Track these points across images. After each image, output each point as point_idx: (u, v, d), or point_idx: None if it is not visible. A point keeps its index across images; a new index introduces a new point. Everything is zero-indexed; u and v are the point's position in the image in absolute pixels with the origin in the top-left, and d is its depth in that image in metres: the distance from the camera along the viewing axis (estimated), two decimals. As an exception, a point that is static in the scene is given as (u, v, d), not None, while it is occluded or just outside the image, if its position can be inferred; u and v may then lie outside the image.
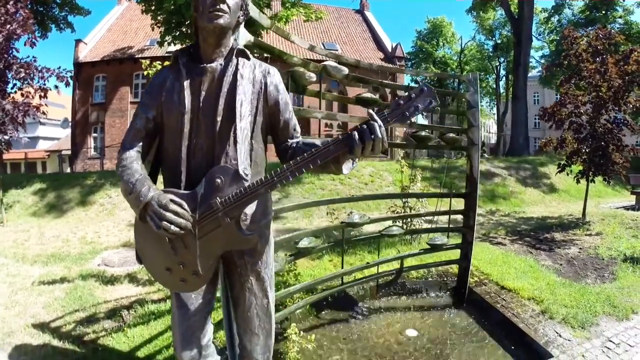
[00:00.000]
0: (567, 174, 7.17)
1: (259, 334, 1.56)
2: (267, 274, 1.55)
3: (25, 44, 7.44)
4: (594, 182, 7.02)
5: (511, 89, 20.39)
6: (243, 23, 1.61)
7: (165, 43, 12.39)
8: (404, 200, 4.73)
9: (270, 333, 1.60)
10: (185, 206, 1.30)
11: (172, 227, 1.25)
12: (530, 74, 21.85)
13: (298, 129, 1.56)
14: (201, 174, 1.35)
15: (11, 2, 7.18)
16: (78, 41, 20.46)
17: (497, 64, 31.11)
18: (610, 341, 2.83)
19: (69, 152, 21.60)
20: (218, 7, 1.35)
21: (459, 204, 3.64)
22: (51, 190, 9.83)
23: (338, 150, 1.24)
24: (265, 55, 3.37)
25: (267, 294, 1.55)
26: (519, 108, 16.67)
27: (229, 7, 1.38)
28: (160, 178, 1.54)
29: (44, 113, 7.61)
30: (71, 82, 8.00)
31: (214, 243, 1.34)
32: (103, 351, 2.53)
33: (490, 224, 7.34)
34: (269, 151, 1.65)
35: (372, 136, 1.20)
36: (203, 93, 1.40)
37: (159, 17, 11.46)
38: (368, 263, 3.16)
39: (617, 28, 17.13)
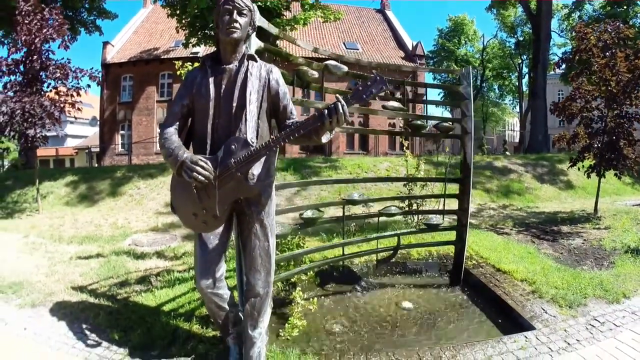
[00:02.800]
0: (579, 169, 7.21)
1: (261, 270, 2.02)
2: (268, 222, 2.02)
3: (59, 47, 8.13)
4: (604, 177, 7.04)
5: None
6: (253, 34, 2.16)
7: (190, 45, 13.02)
8: (408, 188, 4.98)
9: (270, 271, 2.04)
10: (210, 164, 1.79)
11: (200, 177, 1.75)
12: (553, 72, 21.45)
13: (295, 112, 2.04)
14: (221, 144, 1.85)
15: (46, 9, 7.86)
16: (106, 43, 21.50)
17: (520, 61, 30.57)
18: (596, 320, 2.91)
19: (97, 149, 22.70)
20: (233, 25, 1.88)
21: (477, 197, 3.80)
22: (82, 182, 10.52)
23: (315, 123, 1.72)
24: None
25: (268, 238, 2.02)
26: (537, 105, 16.47)
27: (240, 24, 1.90)
28: (190, 150, 2.00)
29: (79, 109, 8.21)
30: (100, 81, 8.60)
31: (229, 192, 1.85)
32: (133, 306, 2.97)
33: (500, 217, 7.47)
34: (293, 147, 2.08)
35: (336, 113, 1.67)
36: (223, 86, 1.92)
37: (183, 21, 12.05)
38: (367, 237, 3.46)
39: (639, 23, 16.69)
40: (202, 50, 17.44)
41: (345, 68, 2.91)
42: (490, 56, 31.83)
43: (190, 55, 16.07)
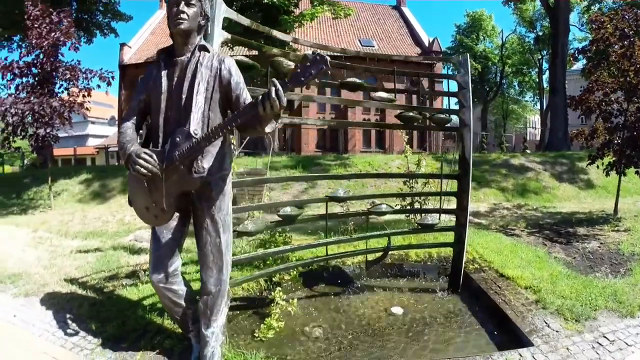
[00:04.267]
0: (598, 167, 6.82)
1: (213, 268, 1.98)
2: (220, 218, 1.96)
3: (69, 49, 8.32)
4: (625, 175, 6.64)
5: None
6: (219, 25, 2.18)
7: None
8: (409, 185, 4.76)
9: (222, 269, 1.99)
10: (154, 157, 1.79)
11: (142, 169, 1.75)
12: (574, 67, 20.62)
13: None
14: None
15: (55, 13, 8.03)
16: (122, 45, 21.97)
17: (540, 57, 29.59)
18: (605, 337, 2.60)
19: (116, 148, 23.23)
20: (180, 16, 1.85)
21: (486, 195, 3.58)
22: (96, 180, 10.74)
23: (251, 110, 1.67)
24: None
25: (219, 234, 1.96)
26: (557, 101, 15.80)
27: (188, 15, 1.86)
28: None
29: (87, 109, 8.37)
30: (112, 82, 8.73)
31: (174, 185, 1.84)
32: (116, 298, 3.05)
33: (513, 217, 7.15)
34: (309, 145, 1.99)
35: (269, 99, 1.58)
36: (175, 79, 1.90)
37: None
38: (351, 236, 3.30)
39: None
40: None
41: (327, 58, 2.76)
42: (509, 52, 30.99)
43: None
